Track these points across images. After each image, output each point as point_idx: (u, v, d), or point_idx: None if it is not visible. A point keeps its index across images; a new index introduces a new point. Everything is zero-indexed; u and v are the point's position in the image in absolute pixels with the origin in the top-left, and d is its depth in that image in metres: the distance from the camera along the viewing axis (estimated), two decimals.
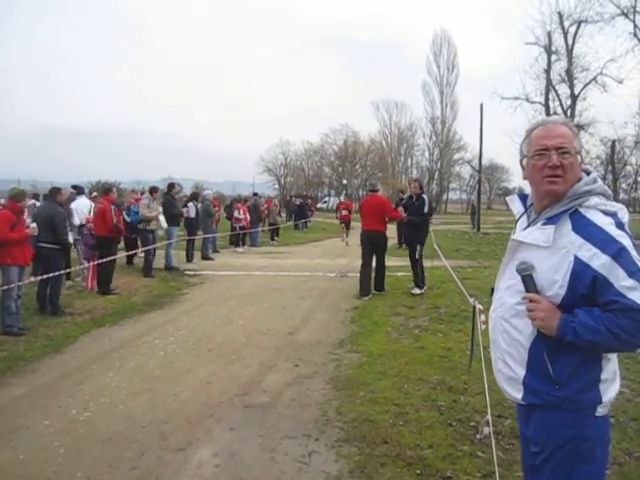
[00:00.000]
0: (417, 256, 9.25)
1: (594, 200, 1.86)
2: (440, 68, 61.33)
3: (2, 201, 7.32)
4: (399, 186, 45.93)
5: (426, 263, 9.63)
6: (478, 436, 3.69)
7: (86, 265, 9.35)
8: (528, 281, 1.89)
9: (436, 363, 5.45)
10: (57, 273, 7.50)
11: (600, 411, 1.89)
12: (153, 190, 11.93)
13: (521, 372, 1.96)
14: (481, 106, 26.04)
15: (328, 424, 4.09)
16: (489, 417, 2.99)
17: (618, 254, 1.71)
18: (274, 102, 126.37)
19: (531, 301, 1.86)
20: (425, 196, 9.50)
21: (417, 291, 9.14)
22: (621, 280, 1.70)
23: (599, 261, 1.72)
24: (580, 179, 1.91)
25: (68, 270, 8.47)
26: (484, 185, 53.78)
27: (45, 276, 7.42)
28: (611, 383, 1.91)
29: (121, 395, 4.72)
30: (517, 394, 1.99)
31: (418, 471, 3.35)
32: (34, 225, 7.19)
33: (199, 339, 6.51)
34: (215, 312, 8.07)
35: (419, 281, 9.27)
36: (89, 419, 4.23)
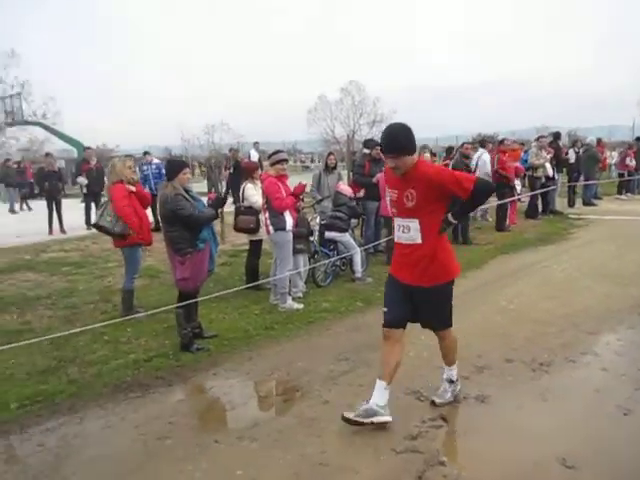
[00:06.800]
0: None
1: None
2: None
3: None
4: None
5: None
6: None
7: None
8: None
9: None
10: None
11: None
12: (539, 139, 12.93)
13: None
14: None
15: None
16: None
17: None
18: None
19: None
20: None
21: None
22: None
23: None
24: None
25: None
26: None
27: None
28: None
29: (534, 298, 6.26)
30: None
31: None
32: None
33: (593, 267, 7.55)
34: (604, 249, 8.88)
35: None
36: (515, 309, 5.90)
